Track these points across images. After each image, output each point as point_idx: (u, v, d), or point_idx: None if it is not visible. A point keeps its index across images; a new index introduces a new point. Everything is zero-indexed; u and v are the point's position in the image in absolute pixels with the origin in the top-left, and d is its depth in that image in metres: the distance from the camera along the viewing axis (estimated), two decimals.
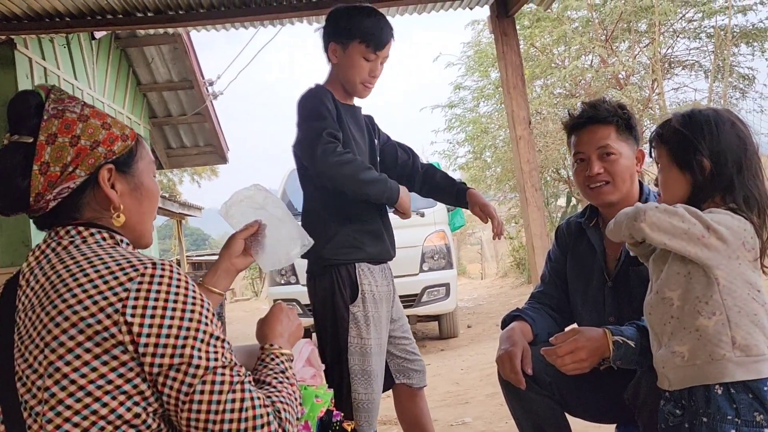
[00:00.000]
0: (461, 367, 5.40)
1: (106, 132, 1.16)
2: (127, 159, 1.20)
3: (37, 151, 1.10)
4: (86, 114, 1.16)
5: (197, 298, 1.08)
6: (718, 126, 1.44)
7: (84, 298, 1.02)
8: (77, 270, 1.05)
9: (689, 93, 10.15)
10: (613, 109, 1.84)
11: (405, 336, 2.23)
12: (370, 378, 2.00)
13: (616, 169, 1.83)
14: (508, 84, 4.70)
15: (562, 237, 2.08)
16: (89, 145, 1.14)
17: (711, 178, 1.42)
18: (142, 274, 1.05)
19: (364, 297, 2.03)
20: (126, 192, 1.19)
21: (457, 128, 12.24)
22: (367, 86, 2.09)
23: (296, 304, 6.44)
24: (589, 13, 10.17)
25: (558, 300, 2.02)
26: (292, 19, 4.59)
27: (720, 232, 1.33)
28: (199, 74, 8.30)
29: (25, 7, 4.17)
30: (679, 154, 1.46)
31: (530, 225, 4.69)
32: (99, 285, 1.03)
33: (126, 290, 1.03)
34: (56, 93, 1.17)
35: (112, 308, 1.02)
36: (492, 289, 12.95)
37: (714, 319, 1.34)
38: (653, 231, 1.34)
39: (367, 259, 2.07)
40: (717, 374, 1.33)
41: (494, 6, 4.67)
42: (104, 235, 1.15)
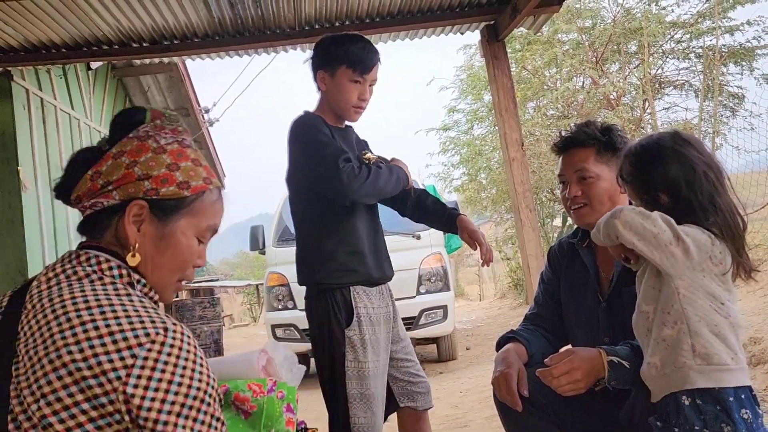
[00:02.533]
0: (460, 390, 5.37)
1: (166, 171, 1.11)
2: (170, 206, 1.12)
3: (101, 159, 1.11)
4: (165, 147, 1.13)
5: (204, 374, 1.01)
6: (664, 160, 1.49)
7: (89, 356, 0.95)
8: (88, 319, 0.98)
9: (680, 112, 10.27)
10: (593, 132, 1.86)
11: (408, 358, 2.21)
12: (369, 402, 1.98)
13: (593, 192, 1.85)
14: (500, 107, 4.76)
15: (555, 258, 2.09)
16: (139, 175, 1.10)
17: (673, 207, 1.47)
18: (152, 341, 0.97)
19: (360, 320, 2.03)
20: (151, 236, 1.12)
21: (452, 151, 12.34)
22: (357, 110, 2.13)
23: (294, 329, 6.44)
24: (579, 35, 10.33)
25: (552, 321, 2.02)
26: (286, 46, 4.66)
27: (687, 244, 1.38)
28: (195, 102, 8.37)
29: (22, 39, 4.23)
30: (640, 192, 1.53)
31: (525, 245, 4.72)
32: (107, 344, 0.96)
33: (133, 356, 0.96)
34: (166, 121, 1.17)
35: (114, 374, 0.95)
36: (490, 311, 12.91)
37: (676, 328, 1.40)
38: (625, 228, 1.39)
39: (361, 282, 2.07)
40: (680, 381, 1.38)
41: (485, 31, 4.75)
42: (122, 272, 1.09)
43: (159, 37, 4.41)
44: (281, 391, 1.28)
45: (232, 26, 4.31)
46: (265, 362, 1.44)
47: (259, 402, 1.23)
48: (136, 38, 4.39)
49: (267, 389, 1.26)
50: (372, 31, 4.56)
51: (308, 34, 4.51)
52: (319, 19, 4.42)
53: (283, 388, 1.29)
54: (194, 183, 1.14)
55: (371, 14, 4.44)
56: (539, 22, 4.85)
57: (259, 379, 1.28)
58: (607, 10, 10.41)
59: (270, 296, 6.72)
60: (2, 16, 3.83)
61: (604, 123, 1.93)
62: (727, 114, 10.01)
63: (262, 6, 4.07)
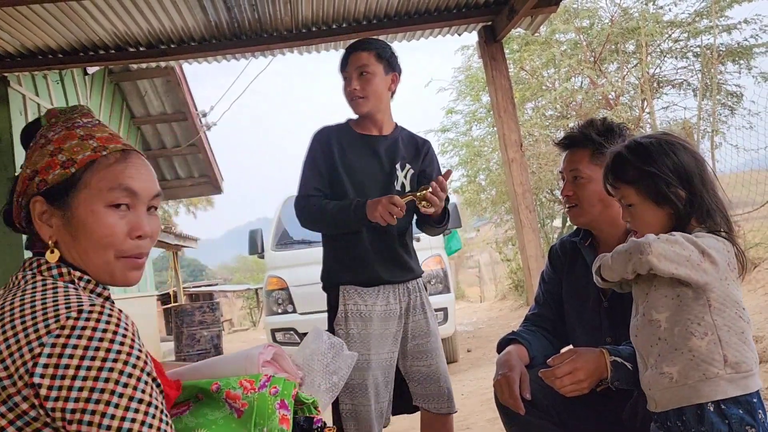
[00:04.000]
0: (462, 393, 5.34)
1: (48, 159, 1.08)
2: (61, 189, 1.07)
3: (18, 181, 1.12)
4: (51, 139, 1.11)
5: (123, 352, 0.93)
6: (676, 153, 1.45)
7: (5, 357, 0.92)
8: (7, 320, 0.95)
9: (679, 111, 10.26)
10: (589, 134, 1.84)
11: (422, 358, 2.22)
12: (354, 391, 2.11)
13: (582, 193, 1.84)
14: (498, 108, 4.75)
15: (556, 257, 2.07)
16: (28, 175, 1.10)
17: (689, 204, 1.44)
18: (62, 327, 0.92)
19: (347, 316, 2.16)
20: (60, 226, 1.07)
21: (451, 152, 12.33)
22: (352, 102, 2.22)
23: (294, 333, 6.41)
24: (576, 35, 10.33)
25: (553, 321, 2.01)
26: (283, 49, 4.65)
27: (712, 256, 1.36)
28: (192, 106, 8.36)
29: (18, 45, 4.22)
30: (652, 191, 1.46)
31: (525, 246, 4.70)
32: (20, 339, 0.92)
33: (41, 345, 0.91)
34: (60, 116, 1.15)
35: (24, 368, 0.91)
36: (491, 312, 12.89)
37: (706, 339, 1.36)
38: (661, 262, 1.34)
39: (353, 283, 2.19)
40: (711, 392, 1.35)
41: (482, 32, 4.74)
42: (62, 270, 1.06)
43: (155, 42, 4.40)
44: (275, 387, 1.23)
45: (228, 30, 4.30)
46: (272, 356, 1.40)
47: (249, 399, 1.20)
48: (133, 43, 4.37)
49: (259, 385, 1.22)
50: (368, 33, 4.55)
51: (305, 36, 4.50)
52: (315, 22, 4.41)
53: (278, 383, 1.24)
54: (80, 156, 1.07)
55: (368, 16, 4.43)
56: (536, 22, 4.84)
57: (252, 375, 1.24)
58: (605, 10, 10.41)
59: (269, 300, 6.69)
60: None
61: (607, 123, 1.87)
62: (726, 113, 10.01)
63: (258, 9, 4.06)
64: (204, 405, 1.21)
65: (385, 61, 2.20)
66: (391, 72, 2.23)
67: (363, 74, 2.17)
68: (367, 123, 2.26)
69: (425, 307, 2.27)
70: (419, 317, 2.25)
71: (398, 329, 2.21)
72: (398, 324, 2.21)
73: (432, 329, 2.26)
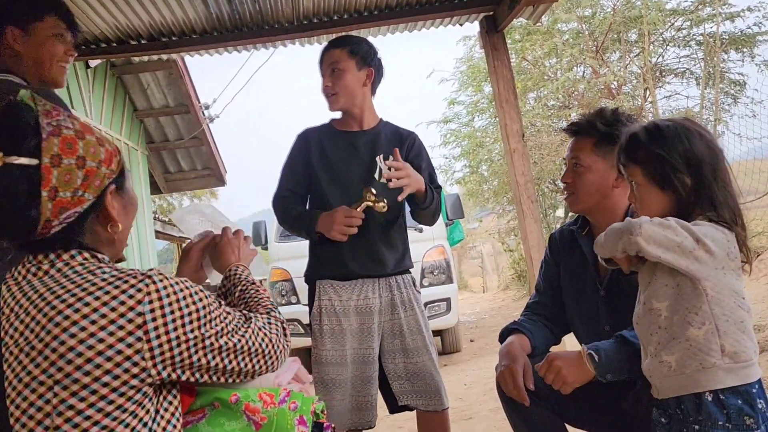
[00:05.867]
0: (464, 382, 5.38)
1: (104, 149, 1.10)
2: (122, 176, 1.16)
3: (44, 175, 1.00)
4: (80, 129, 1.08)
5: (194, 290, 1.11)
6: (690, 139, 1.44)
7: (96, 330, 0.98)
8: (74, 300, 1.00)
9: (681, 100, 10.22)
10: (594, 122, 1.84)
11: (412, 355, 2.20)
12: (326, 386, 2.14)
13: (579, 182, 1.85)
14: (500, 98, 4.75)
15: (555, 245, 2.08)
16: (95, 166, 1.07)
17: (694, 193, 1.43)
18: (147, 293, 1.03)
19: (321, 311, 2.19)
20: (120, 210, 1.15)
21: (453, 143, 12.31)
22: (326, 98, 2.25)
23: (298, 323, 6.45)
24: (578, 25, 10.28)
25: (553, 310, 2.02)
26: (285, 41, 4.65)
27: (708, 245, 1.34)
28: (195, 98, 8.35)
29: None
30: (657, 173, 1.45)
31: (528, 237, 4.71)
32: (108, 314, 0.99)
33: (140, 314, 1.01)
34: (40, 104, 1.05)
35: (133, 337, 1.00)
36: (494, 303, 12.93)
37: (704, 329, 1.36)
38: (649, 244, 1.33)
39: (329, 277, 2.22)
40: (708, 382, 1.35)
41: (483, 22, 4.72)
42: (85, 255, 1.09)
43: (157, 34, 4.39)
44: (294, 402, 1.26)
45: (230, 22, 4.29)
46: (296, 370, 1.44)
47: (269, 413, 1.22)
48: (134, 36, 4.37)
49: (279, 400, 1.24)
50: (369, 25, 4.55)
51: (306, 28, 4.49)
52: (317, 13, 4.40)
53: (297, 398, 1.27)
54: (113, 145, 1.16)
55: (369, 7, 4.42)
56: (538, 12, 4.82)
57: (271, 388, 1.27)
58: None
59: (273, 291, 6.73)
60: None
61: (615, 113, 1.85)
62: (729, 101, 9.96)
63: (259, 1, 4.06)
64: (221, 414, 1.22)
65: (358, 57, 2.21)
66: (366, 67, 2.22)
67: (335, 71, 2.20)
68: (347, 119, 2.28)
69: (414, 304, 2.24)
70: (408, 314, 2.22)
71: (379, 324, 2.20)
72: (379, 319, 2.20)
73: (422, 326, 2.23)
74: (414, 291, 2.28)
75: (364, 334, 2.18)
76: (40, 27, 1.82)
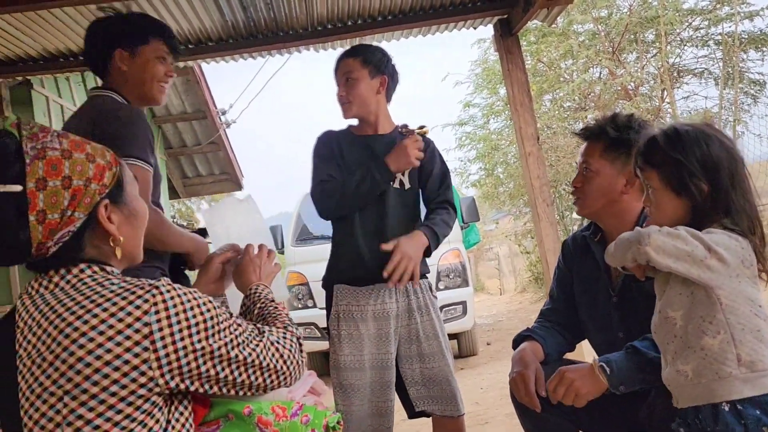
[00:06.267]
0: (481, 386, 5.37)
1: (94, 165, 1.10)
2: (118, 188, 1.16)
3: (30, 199, 1.03)
4: (67, 148, 1.08)
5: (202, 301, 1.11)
6: (708, 144, 1.42)
7: (104, 341, 1.00)
8: (83, 312, 1.02)
9: (700, 101, 10.09)
10: (605, 127, 1.83)
11: (428, 360, 2.20)
12: (345, 391, 2.16)
13: (587, 187, 1.85)
14: (515, 101, 4.73)
15: (568, 251, 2.08)
16: (83, 184, 1.08)
17: (711, 199, 1.40)
18: (154, 304, 1.04)
19: (338, 316, 2.20)
20: (122, 222, 1.16)
21: (468, 146, 12.28)
22: (342, 107, 2.28)
23: (314, 327, 6.47)
24: (594, 26, 10.20)
25: (567, 316, 2.01)
26: (299, 47, 4.67)
27: (720, 254, 1.32)
28: (212, 104, 8.43)
29: (40, 48, 4.30)
30: (674, 178, 1.43)
31: (543, 240, 4.69)
32: (115, 325, 1.01)
33: (146, 324, 1.03)
34: (26, 128, 1.07)
35: (139, 347, 1.02)
36: (511, 305, 12.86)
37: (719, 338, 1.33)
38: (658, 254, 1.32)
39: (348, 281, 2.23)
40: (724, 392, 1.33)
41: (497, 25, 4.72)
42: (95, 269, 1.11)
43: None
44: (306, 415, 1.27)
45: (245, 29, 4.34)
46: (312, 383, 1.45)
47: (281, 426, 1.23)
48: None
49: (291, 413, 1.25)
50: (383, 30, 4.57)
51: (320, 34, 4.52)
52: (331, 19, 4.43)
53: (309, 411, 1.28)
54: (108, 157, 1.15)
55: (383, 12, 4.44)
56: (553, 14, 4.80)
57: (284, 401, 1.28)
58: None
59: (290, 295, 6.76)
60: (21, 27, 3.90)
61: (627, 119, 1.84)
62: (749, 101, 9.81)
63: (274, 8, 4.10)
64: (234, 426, 1.23)
65: (371, 65, 2.23)
66: (379, 75, 2.24)
67: (348, 80, 2.23)
68: (363, 125, 2.32)
69: (430, 309, 2.25)
70: (425, 319, 2.23)
71: (396, 329, 2.20)
72: (395, 324, 2.20)
73: (438, 331, 2.23)
74: (431, 296, 2.29)
75: (382, 339, 2.19)
76: (146, 50, 1.94)
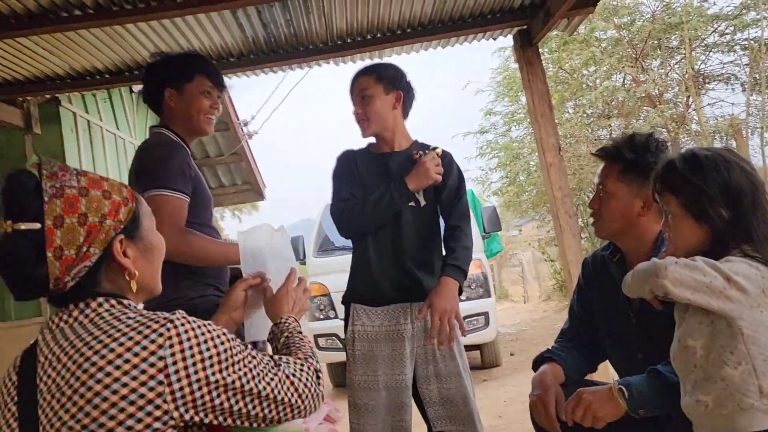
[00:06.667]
0: (504, 399, 5.32)
1: (109, 202, 1.14)
2: (133, 224, 1.19)
3: (47, 236, 1.07)
4: (84, 186, 1.13)
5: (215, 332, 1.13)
6: (729, 170, 1.40)
7: (120, 376, 1.02)
8: (100, 346, 1.05)
9: (726, 107, 9.93)
10: (622, 150, 1.81)
11: (446, 380, 2.20)
12: (359, 411, 2.17)
13: (604, 209, 1.83)
14: (535, 112, 4.71)
15: (588, 270, 2.06)
16: (98, 221, 1.12)
17: (731, 226, 1.38)
18: (168, 338, 1.06)
19: (354, 336, 2.22)
20: (138, 256, 1.19)
21: (489, 154, 12.23)
22: (360, 125, 2.30)
23: (336, 338, 6.49)
24: (617, 32, 10.11)
25: (587, 336, 2.00)
26: (319, 61, 4.72)
27: (740, 284, 1.30)
28: (234, 116, 8.53)
29: (68, 67, 4.40)
30: (693, 204, 1.42)
31: (566, 252, 4.65)
32: (131, 359, 1.03)
33: (161, 358, 1.04)
34: (47, 167, 1.12)
35: (154, 381, 1.03)
36: (535, 314, 12.73)
37: (740, 369, 1.31)
38: (676, 287, 1.31)
39: (360, 301, 2.23)
40: (746, 424, 1.31)
41: (517, 36, 4.70)
42: (112, 303, 1.14)
43: None
44: None
45: (265, 45, 4.39)
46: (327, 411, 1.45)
47: None
48: None
49: None
50: (402, 43, 4.58)
51: (340, 48, 4.56)
52: (350, 33, 4.46)
53: None
54: (125, 193, 1.19)
55: (402, 25, 4.45)
56: (573, 24, 4.79)
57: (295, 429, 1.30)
58: (646, 5, 10.15)
59: (312, 306, 6.79)
60: (49, 47, 4.00)
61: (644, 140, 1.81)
62: None
63: (294, 24, 4.14)
64: None
65: (385, 81, 2.24)
66: (394, 91, 2.25)
67: (364, 98, 2.24)
68: (380, 143, 2.33)
69: None
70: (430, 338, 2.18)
71: (412, 350, 2.19)
72: (411, 345, 2.20)
73: (455, 352, 2.22)
74: None
75: (396, 360, 2.18)
76: (191, 87, 2.09)
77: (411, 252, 2.21)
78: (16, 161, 5.16)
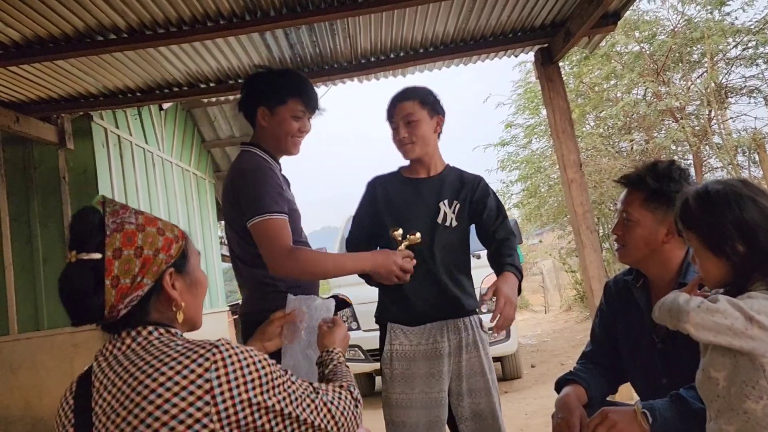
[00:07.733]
0: (525, 412, 5.33)
1: (163, 238, 1.26)
2: (182, 259, 1.30)
3: (107, 266, 1.19)
4: (141, 223, 1.25)
5: (257, 357, 1.21)
6: (741, 205, 1.42)
7: (170, 397, 1.12)
8: (152, 370, 1.14)
9: (749, 121, 9.82)
10: (645, 177, 1.84)
11: (475, 396, 2.24)
12: (397, 428, 2.22)
13: (628, 236, 1.87)
14: (556, 128, 4.76)
15: (610, 294, 2.08)
16: (152, 254, 1.23)
17: (749, 259, 1.41)
18: (214, 362, 1.15)
19: (391, 355, 2.26)
20: (184, 289, 1.30)
21: (510, 167, 12.23)
22: (402, 147, 2.32)
23: (358, 349, 6.54)
24: (638, 46, 10.06)
25: (609, 359, 2.02)
26: (343, 78, 4.82)
27: (761, 322, 1.32)
28: None
29: (101, 86, 4.55)
30: (710, 240, 1.45)
31: (587, 267, 4.68)
32: (180, 382, 1.13)
33: (207, 381, 1.13)
34: (110, 205, 1.25)
35: (201, 401, 1.12)
36: (556, 324, 12.65)
37: (761, 403, 1.33)
38: (698, 331, 1.34)
39: (399, 321, 2.27)
40: None
41: (538, 54, 4.76)
42: (161, 331, 1.24)
43: (224, 77, 4.65)
44: None
45: (291, 64, 4.50)
46: None
47: None
48: (203, 79, 4.64)
49: None
50: (426, 61, 4.67)
51: (364, 67, 4.65)
52: (374, 52, 4.55)
53: None
54: (176, 232, 1.31)
55: (425, 44, 4.54)
56: (594, 41, 4.84)
57: None
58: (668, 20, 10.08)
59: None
60: (84, 68, 4.15)
61: (667, 168, 1.85)
62: None
63: (319, 44, 4.25)
64: None
65: (429, 106, 2.30)
66: (436, 116, 2.32)
67: (410, 123, 2.28)
68: (416, 167, 2.36)
69: (479, 345, 2.27)
70: (472, 355, 2.25)
71: (448, 367, 2.23)
72: (448, 361, 2.23)
73: (485, 368, 2.26)
74: (480, 332, 2.31)
75: (434, 378, 2.22)
76: (283, 110, 2.13)
77: (445, 270, 2.26)
78: (49, 174, 5.35)
